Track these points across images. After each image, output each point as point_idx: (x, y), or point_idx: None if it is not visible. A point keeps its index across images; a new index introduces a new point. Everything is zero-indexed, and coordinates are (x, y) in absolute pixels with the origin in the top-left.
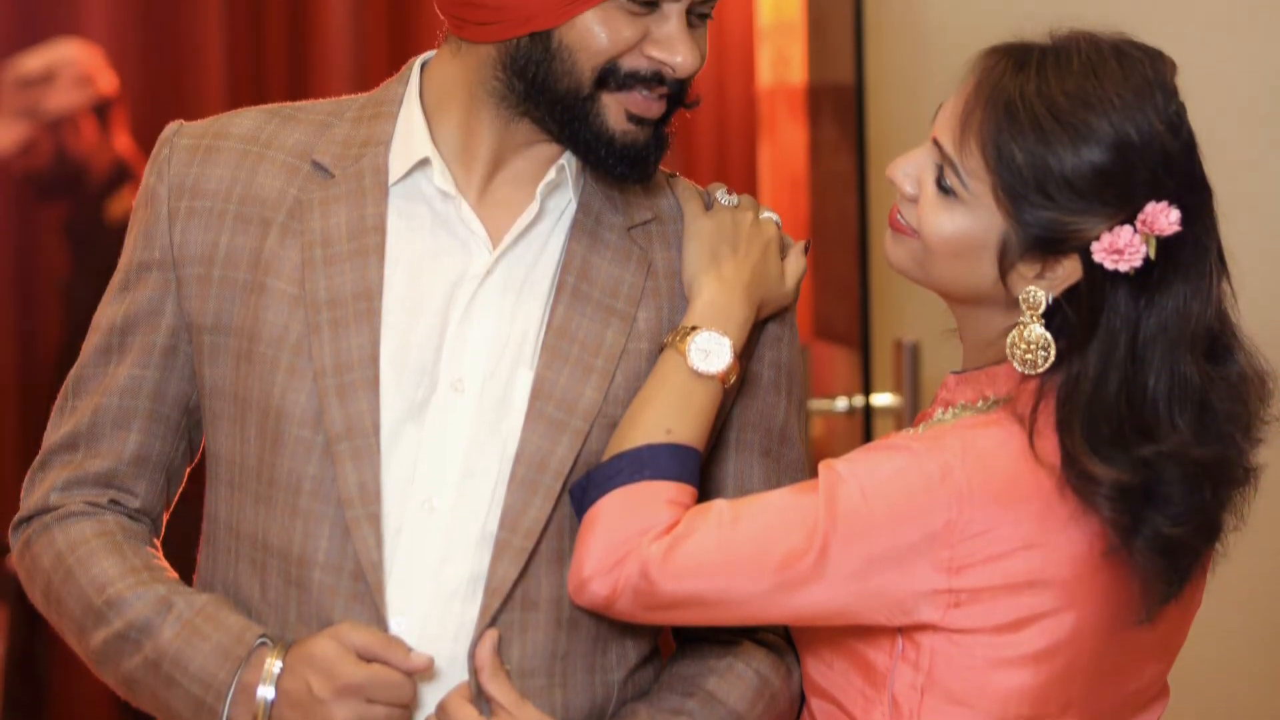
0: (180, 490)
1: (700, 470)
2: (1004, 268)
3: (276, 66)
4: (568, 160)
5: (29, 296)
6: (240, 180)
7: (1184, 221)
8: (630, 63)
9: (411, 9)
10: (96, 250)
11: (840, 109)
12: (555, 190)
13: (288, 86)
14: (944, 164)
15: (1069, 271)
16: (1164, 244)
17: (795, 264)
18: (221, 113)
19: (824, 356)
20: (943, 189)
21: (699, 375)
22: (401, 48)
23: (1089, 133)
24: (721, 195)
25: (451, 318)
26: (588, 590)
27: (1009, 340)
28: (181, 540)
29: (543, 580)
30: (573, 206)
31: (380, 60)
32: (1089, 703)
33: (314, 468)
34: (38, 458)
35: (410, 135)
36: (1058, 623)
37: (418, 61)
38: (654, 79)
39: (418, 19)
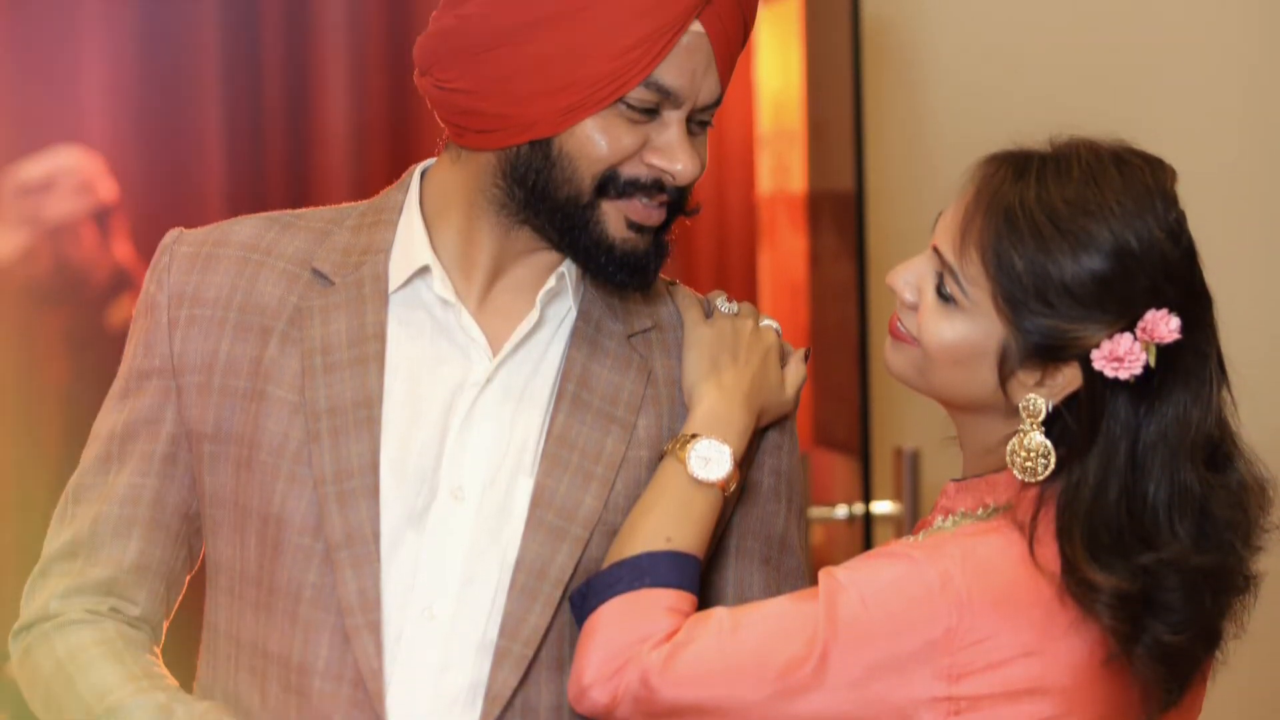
0: (180, 598)
1: (700, 578)
2: (1004, 375)
3: (276, 174)
4: (568, 268)
5: (29, 403)
6: (240, 288)
7: (1184, 329)
8: (630, 170)
9: (411, 116)
10: (96, 358)
11: (840, 216)
12: (555, 298)
13: (288, 194)
14: (944, 271)
15: (1069, 379)
16: (1164, 351)
17: (795, 372)
18: (221, 220)
19: (824, 464)
20: (943, 296)
21: (699, 483)
22: (401, 155)
23: (1089, 240)
24: (721, 303)
25: (451, 425)
26: (588, 698)
27: (1009, 448)
28: (181, 648)
29: (543, 688)
30: (573, 314)
31: (380, 167)
32: None
33: (314, 575)
34: (38, 565)
35: (410, 243)
36: None
37: (418, 169)
38: (654, 186)
39: (418, 126)
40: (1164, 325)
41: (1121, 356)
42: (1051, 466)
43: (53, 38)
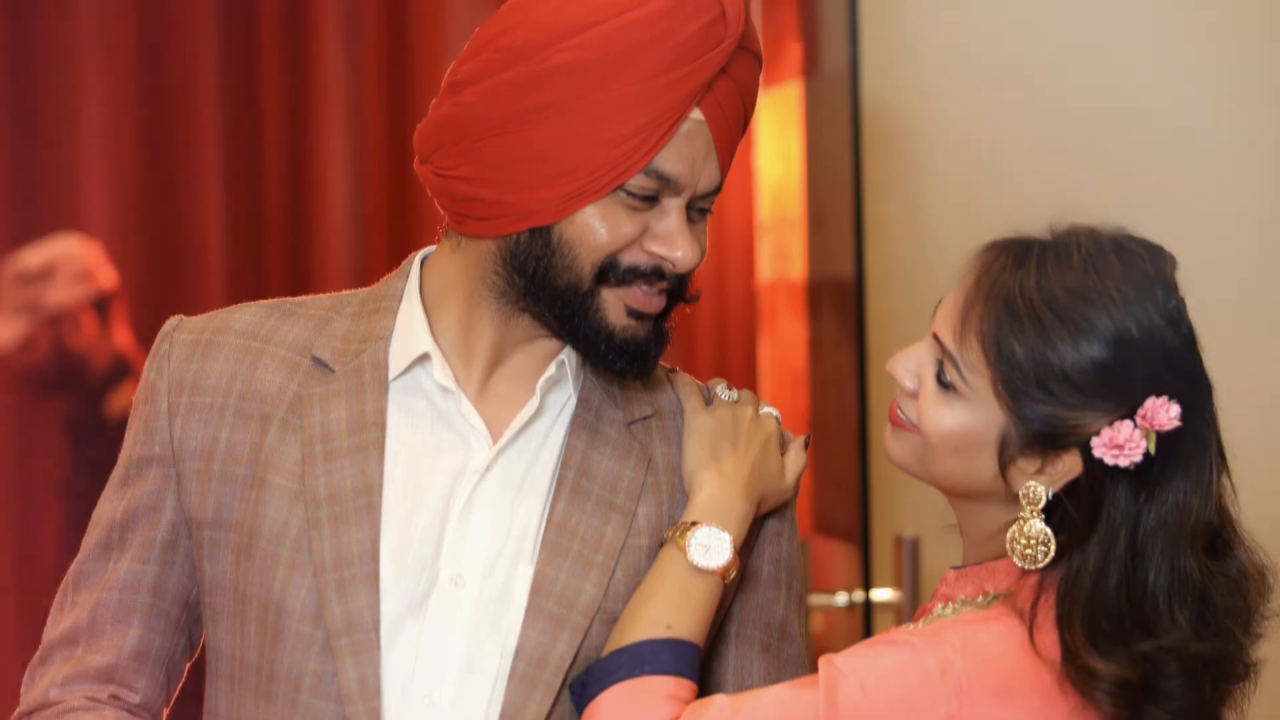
0: (180, 685)
1: (700, 665)
2: (1004, 463)
3: (276, 261)
4: (568, 355)
5: (28, 491)
6: (240, 375)
7: (1184, 416)
8: (630, 258)
9: (411, 204)
10: (96, 445)
11: (840, 304)
12: (555, 385)
13: (288, 281)
14: (944, 359)
15: (1069, 466)
16: (1164, 439)
17: (795, 459)
18: (221, 308)
19: (824, 551)
20: (943, 384)
21: (699, 570)
22: (401, 242)
23: (1089, 328)
24: (721, 390)
25: (452, 513)
26: None
27: (1009, 535)
28: None
29: None
30: (573, 401)
31: (380, 255)
32: None
33: (314, 663)
34: (38, 652)
35: (410, 330)
36: None
37: (418, 256)
38: (654, 274)
39: (418, 214)
40: (1164, 413)
41: (1122, 444)
42: (1051, 554)
43: (53, 125)
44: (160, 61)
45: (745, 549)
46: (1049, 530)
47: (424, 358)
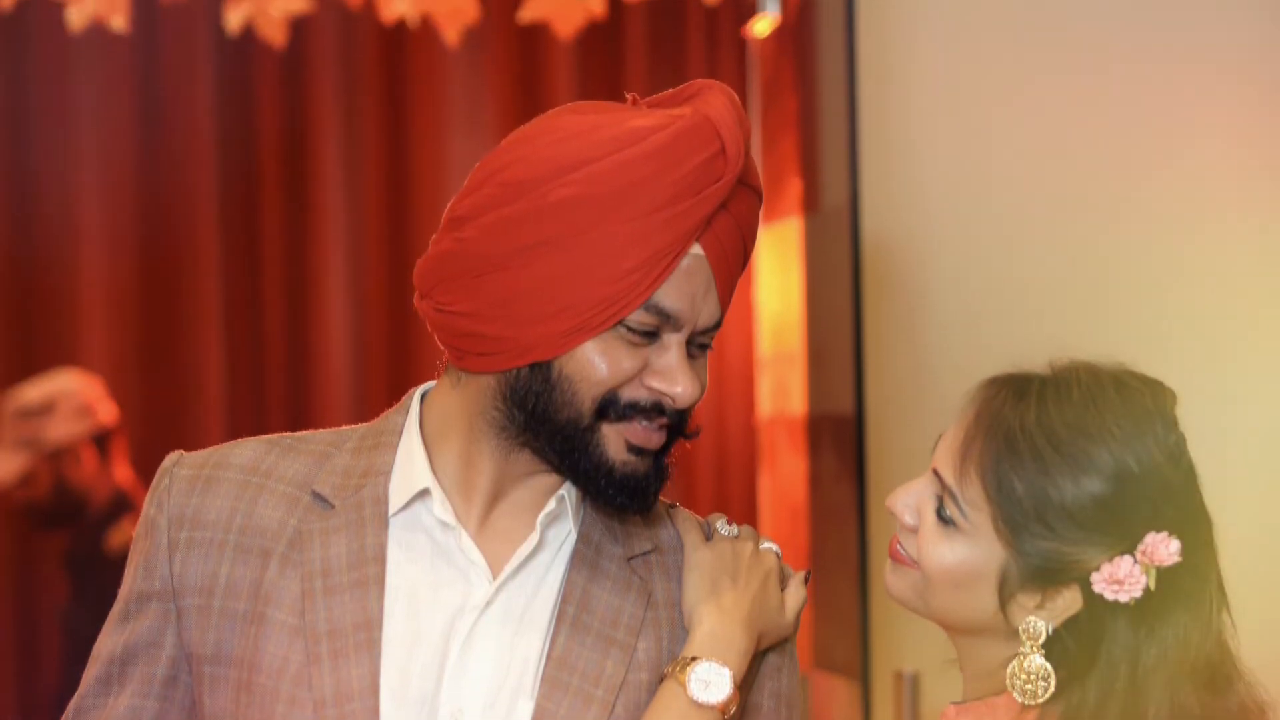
0: None
1: None
2: (1004, 598)
3: (276, 397)
4: (568, 490)
5: (29, 626)
6: (240, 511)
7: (1184, 552)
8: (630, 393)
9: (411, 339)
10: (96, 580)
11: (840, 439)
12: (555, 520)
13: (287, 417)
14: (944, 494)
15: (1069, 601)
16: (1164, 574)
17: (795, 594)
18: (221, 443)
19: (824, 687)
20: (943, 519)
21: (699, 706)
22: (401, 378)
23: (1089, 463)
24: (721, 525)
25: (451, 648)
26: None
27: (1009, 671)
28: None
29: None
30: (573, 536)
31: (380, 390)
32: None
33: None
34: None
35: (410, 466)
36: None
37: (418, 391)
38: (654, 409)
39: (417, 349)
40: (1164, 548)
41: (1122, 579)
42: (1052, 689)
43: (53, 261)
44: (161, 198)
45: (745, 684)
46: (1049, 665)
47: (424, 493)
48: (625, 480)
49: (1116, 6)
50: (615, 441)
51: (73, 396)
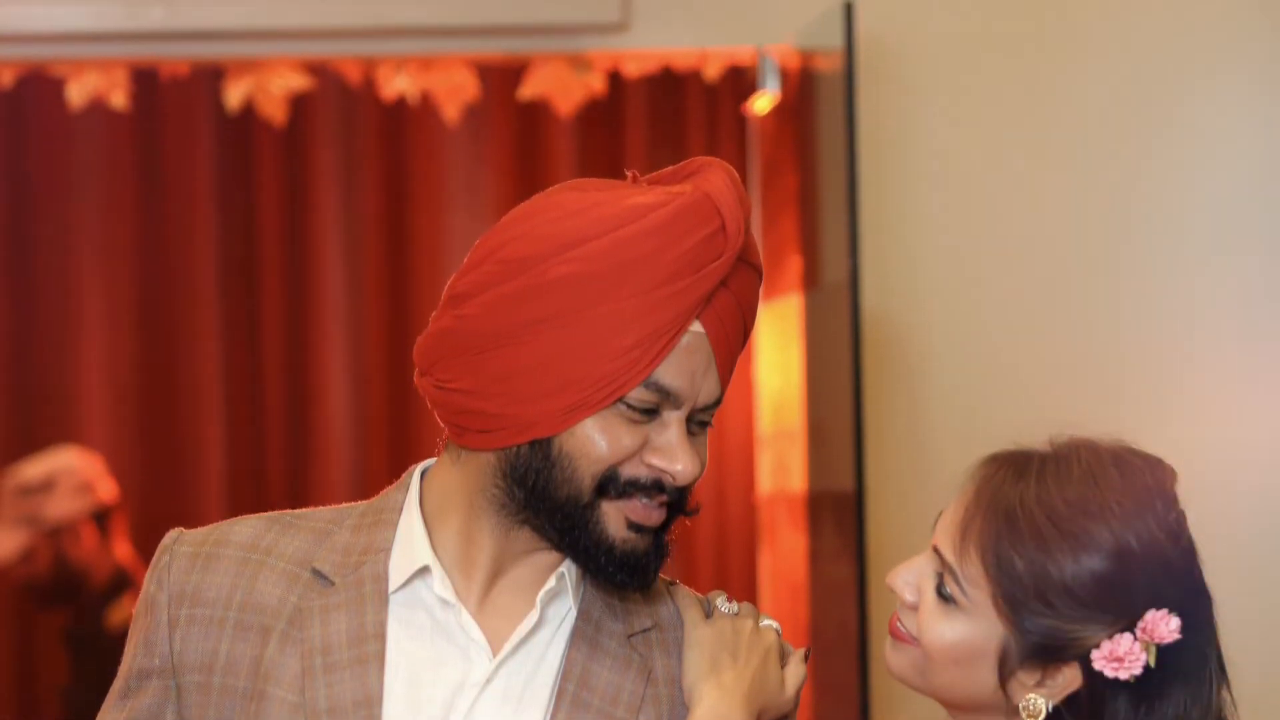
0: None
1: None
2: (1004, 675)
3: (276, 474)
4: (568, 567)
5: (29, 703)
6: (240, 588)
7: (1184, 629)
8: (630, 470)
9: (411, 416)
10: (96, 657)
11: (840, 516)
12: (555, 598)
13: (288, 493)
14: (944, 571)
15: (1069, 679)
16: (1164, 651)
17: (795, 672)
18: (221, 520)
19: None
20: (943, 596)
21: None
22: (401, 455)
23: (1089, 541)
24: (721, 603)
25: None
26: None
27: None
28: None
29: None
30: (573, 614)
31: (380, 467)
32: None
33: None
34: None
35: (410, 543)
36: None
37: (418, 469)
38: (654, 487)
39: (417, 426)
40: (1164, 625)
41: (1122, 657)
42: None
43: (53, 338)
44: (160, 275)
45: None
46: None
47: (424, 570)
48: (625, 558)
49: (1116, 88)
50: (615, 519)
51: (73, 474)
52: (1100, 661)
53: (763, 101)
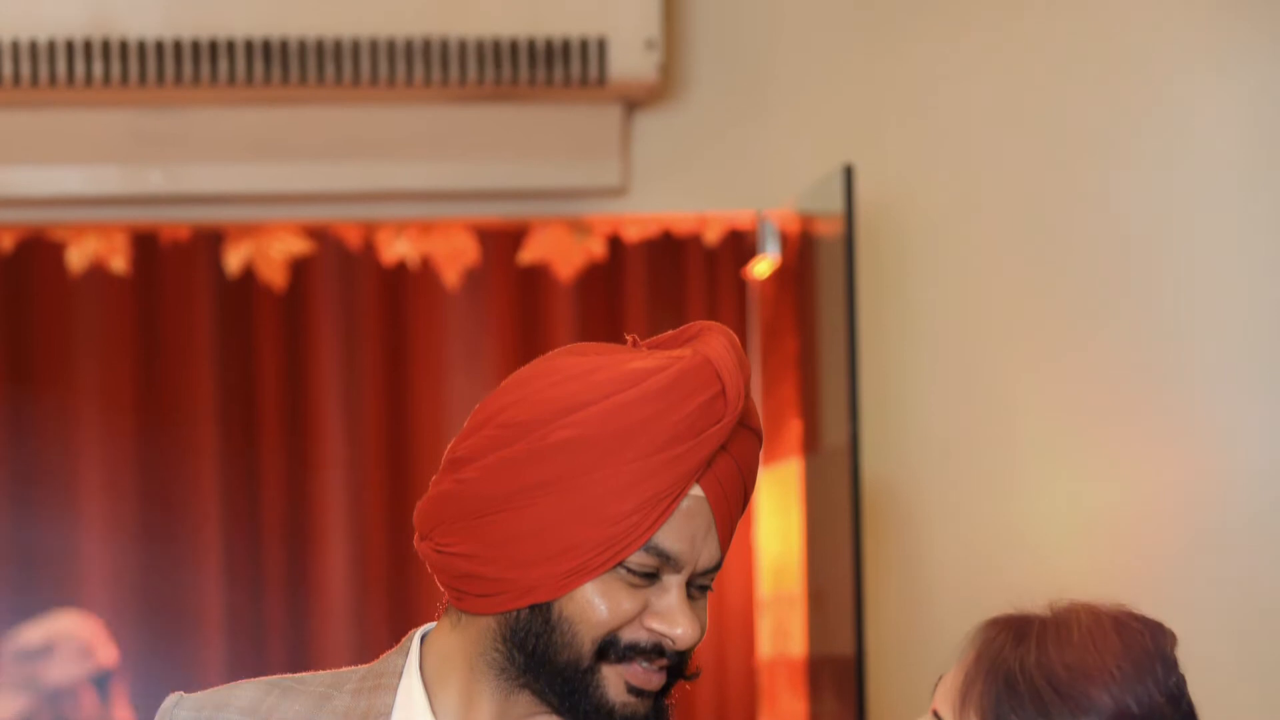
0: None
1: None
2: None
3: (276, 637)
4: None
5: None
6: None
7: None
8: (630, 634)
9: (411, 580)
10: None
11: (840, 681)
12: None
13: (287, 657)
14: None
15: None
16: None
17: None
18: (221, 684)
19: None
20: None
21: None
22: (401, 619)
23: (1089, 705)
24: None
25: None
26: None
27: None
28: None
29: None
30: None
31: (380, 632)
32: None
33: None
34: None
35: (411, 707)
36: None
37: (418, 633)
38: (654, 651)
39: (416, 590)
40: None
41: None
42: None
43: (52, 502)
44: (160, 438)
45: None
46: None
47: None
48: None
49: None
50: (615, 683)
51: (72, 638)
52: None
53: (763, 265)
